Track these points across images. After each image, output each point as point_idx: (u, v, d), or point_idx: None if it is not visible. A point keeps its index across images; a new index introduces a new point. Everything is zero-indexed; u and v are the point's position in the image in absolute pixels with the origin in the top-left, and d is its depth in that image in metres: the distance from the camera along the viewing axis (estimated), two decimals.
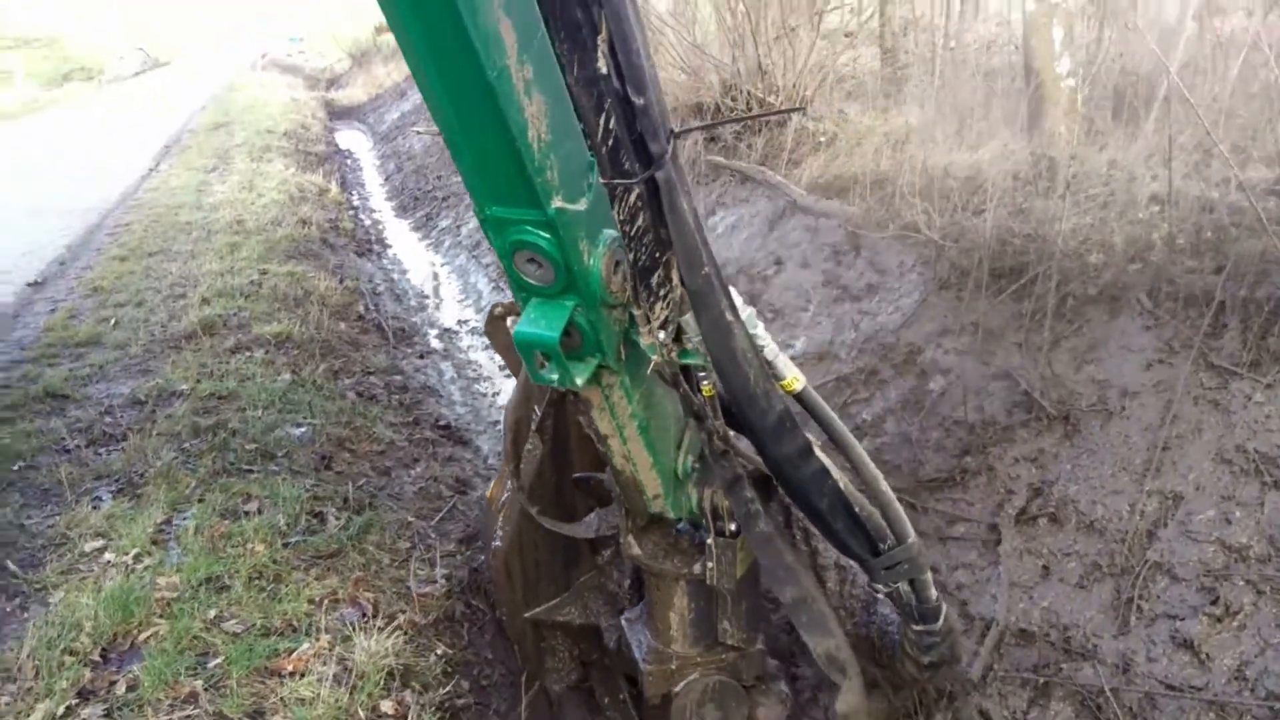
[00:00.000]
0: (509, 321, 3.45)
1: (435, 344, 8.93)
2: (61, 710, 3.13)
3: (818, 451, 3.00)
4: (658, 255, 2.60)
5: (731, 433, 3.09)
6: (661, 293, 2.66)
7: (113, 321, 7.34)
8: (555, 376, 2.49)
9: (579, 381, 2.52)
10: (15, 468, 4.97)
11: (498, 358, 7.01)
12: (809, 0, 9.01)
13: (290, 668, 3.45)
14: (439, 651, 3.93)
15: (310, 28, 44.03)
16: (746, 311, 2.75)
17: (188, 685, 3.29)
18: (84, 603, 3.64)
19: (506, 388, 7.46)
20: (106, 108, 25.42)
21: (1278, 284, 4.05)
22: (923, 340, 5.20)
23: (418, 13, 1.88)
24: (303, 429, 5.60)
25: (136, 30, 43.90)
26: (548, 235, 2.25)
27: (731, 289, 2.69)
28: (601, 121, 2.32)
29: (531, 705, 4.08)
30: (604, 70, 2.24)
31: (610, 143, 2.37)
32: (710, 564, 3.29)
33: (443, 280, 11.16)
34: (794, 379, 2.90)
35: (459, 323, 9.63)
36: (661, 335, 2.68)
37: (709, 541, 3.27)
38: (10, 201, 12.34)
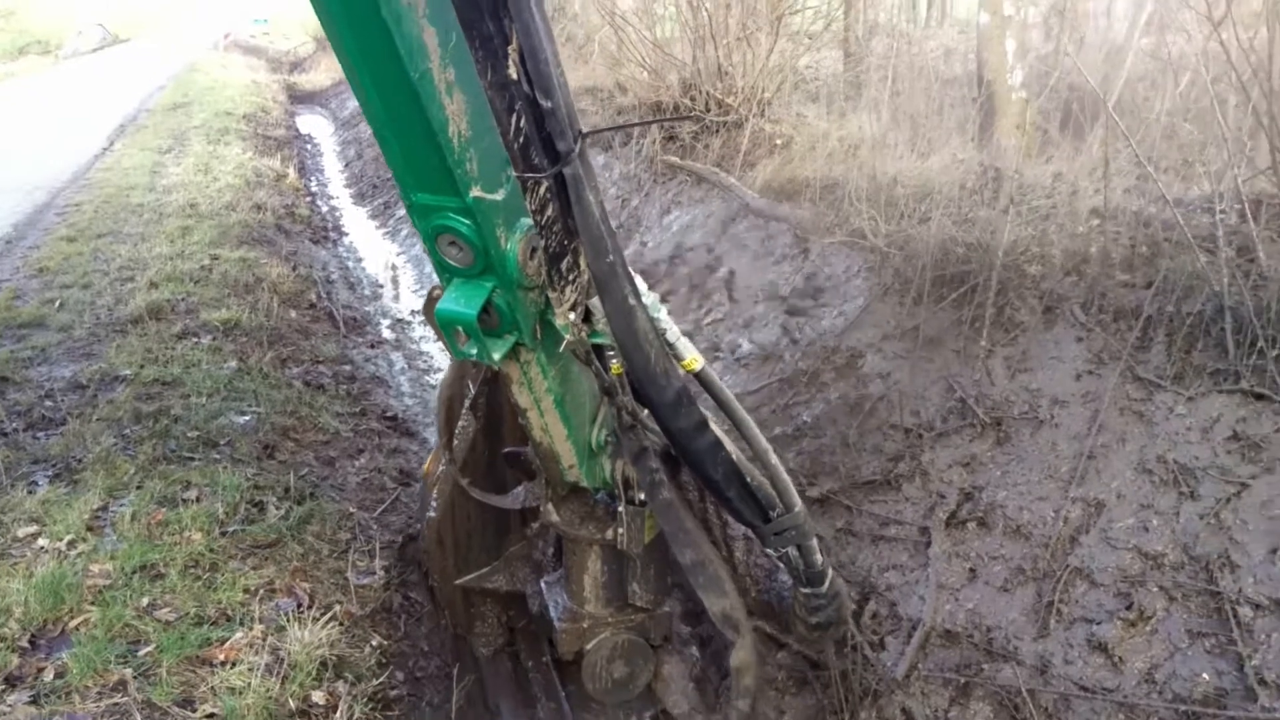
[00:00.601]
0: None
1: (387, 334, 8.90)
2: None
3: (713, 426, 3.28)
4: (566, 243, 2.84)
5: (645, 411, 3.35)
6: (570, 277, 2.91)
7: (58, 303, 7.24)
8: (474, 352, 2.73)
9: (496, 357, 2.78)
10: None
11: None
12: (771, 3, 9.08)
13: (222, 657, 3.45)
14: (374, 643, 3.95)
15: (277, 9, 43.47)
16: (650, 297, 3.00)
17: (117, 673, 3.28)
18: (14, 588, 3.61)
19: None
20: (63, 83, 24.95)
21: (1203, 300, 4.18)
22: (864, 345, 5.29)
23: (349, 20, 2.06)
24: (247, 417, 5.57)
25: (100, 5, 43.08)
26: (468, 221, 2.48)
27: (637, 276, 2.92)
28: (513, 121, 2.55)
29: (466, 693, 4.12)
30: (514, 76, 2.46)
31: (521, 140, 2.59)
32: (621, 530, 3.60)
33: (399, 269, 11.12)
34: (693, 359, 3.17)
35: (413, 313, 9.60)
36: (572, 316, 2.91)
37: (620, 509, 3.55)
38: None
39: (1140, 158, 4.74)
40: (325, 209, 14.01)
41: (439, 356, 8.27)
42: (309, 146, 19.63)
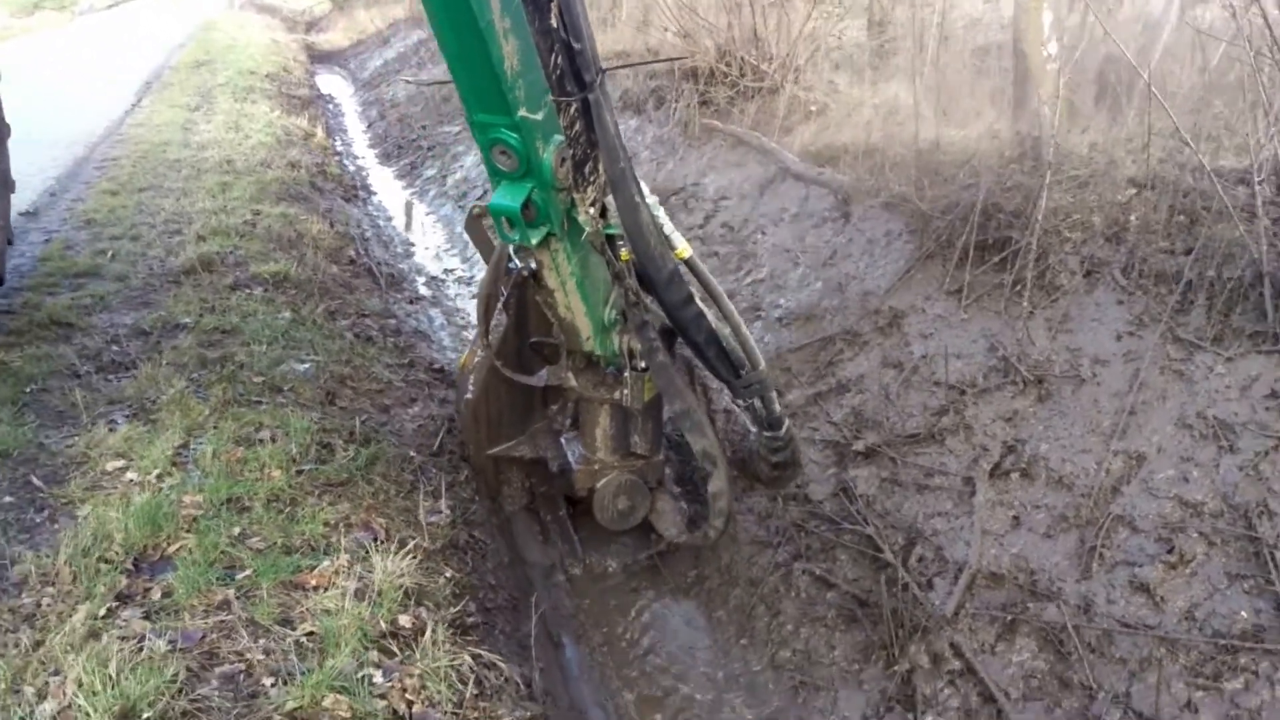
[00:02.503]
0: (486, 223, 4.67)
1: (424, 291, 9.08)
2: (103, 611, 3.32)
3: (697, 300, 4.17)
4: (588, 152, 3.73)
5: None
6: (591, 179, 3.83)
7: (110, 254, 7.42)
8: (517, 236, 3.80)
9: (533, 241, 3.86)
10: (28, 390, 5.11)
11: None
12: None
13: (314, 582, 3.67)
14: (447, 574, 4.17)
15: None
16: (652, 198, 3.87)
17: (219, 593, 3.49)
18: (113, 516, 3.81)
19: None
20: (82, 39, 24.96)
21: (1242, 266, 4.36)
22: (906, 306, 5.46)
23: None
24: (306, 365, 5.78)
25: None
26: (515, 135, 3.49)
27: (641, 180, 3.79)
28: (552, 59, 3.32)
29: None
30: (554, 25, 3.22)
31: (557, 73, 3.38)
32: (625, 391, 4.62)
33: (428, 229, 11.28)
34: (683, 249, 4.05)
35: (445, 271, 9.79)
36: (592, 211, 3.89)
37: (625, 374, 4.58)
38: None
39: (1180, 129, 4.89)
40: (352, 169, 14.14)
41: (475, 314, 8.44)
42: (331, 106, 19.71)
